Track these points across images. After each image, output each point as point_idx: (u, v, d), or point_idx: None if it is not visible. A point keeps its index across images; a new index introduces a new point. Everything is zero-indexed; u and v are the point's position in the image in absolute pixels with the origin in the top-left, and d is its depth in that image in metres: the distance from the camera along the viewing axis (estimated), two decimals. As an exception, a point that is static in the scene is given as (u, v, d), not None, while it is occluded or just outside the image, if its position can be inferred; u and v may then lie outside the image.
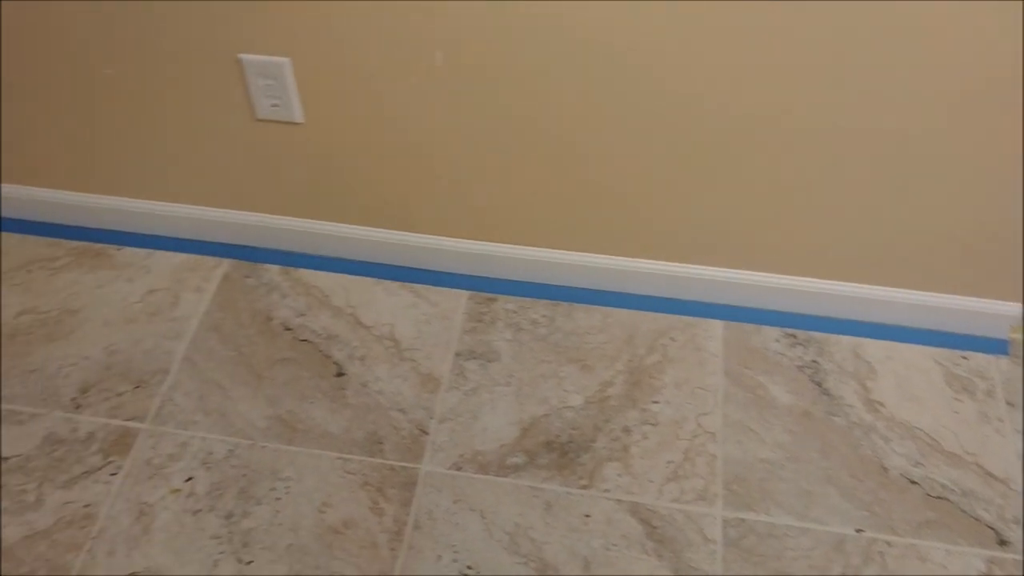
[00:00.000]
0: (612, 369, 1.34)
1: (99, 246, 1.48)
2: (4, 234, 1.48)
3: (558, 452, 1.25)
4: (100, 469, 1.22)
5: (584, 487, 1.22)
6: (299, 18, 1.15)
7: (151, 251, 1.48)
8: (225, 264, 1.47)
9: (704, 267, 1.39)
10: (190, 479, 1.22)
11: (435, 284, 1.44)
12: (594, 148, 1.24)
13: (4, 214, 1.49)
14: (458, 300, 1.43)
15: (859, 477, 1.23)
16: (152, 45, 1.22)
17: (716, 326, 1.40)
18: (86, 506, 1.19)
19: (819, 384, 1.33)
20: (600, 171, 1.27)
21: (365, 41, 1.16)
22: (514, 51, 1.13)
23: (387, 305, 1.42)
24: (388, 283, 1.45)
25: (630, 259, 1.40)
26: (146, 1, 1.16)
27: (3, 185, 1.46)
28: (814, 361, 1.36)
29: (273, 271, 1.46)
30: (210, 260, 1.47)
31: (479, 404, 1.30)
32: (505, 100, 1.20)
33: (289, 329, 1.39)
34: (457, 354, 1.36)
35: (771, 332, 1.39)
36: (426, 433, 1.27)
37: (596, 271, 1.41)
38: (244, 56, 1.21)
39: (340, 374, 1.33)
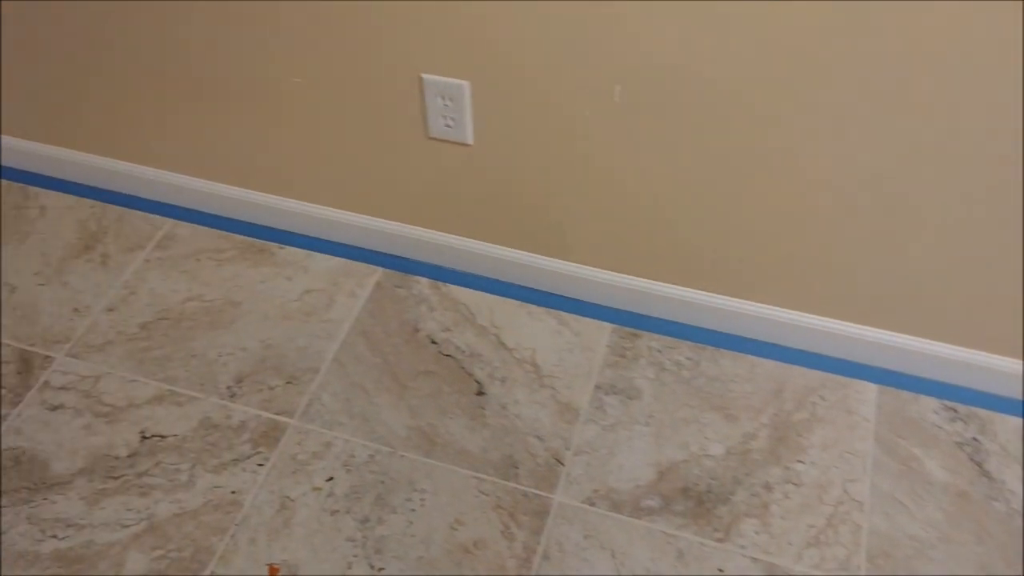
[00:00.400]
0: (756, 421, 1.31)
1: (263, 243, 1.55)
2: (180, 223, 1.57)
3: (695, 500, 1.23)
4: (248, 458, 1.28)
5: (719, 540, 1.19)
6: (482, 44, 1.18)
7: (310, 252, 1.54)
8: (379, 272, 1.51)
9: (863, 327, 1.33)
10: (331, 479, 1.25)
11: (580, 313, 1.44)
12: (761, 193, 1.21)
13: (184, 204, 1.59)
14: (602, 332, 1.42)
15: (1016, 569, 1.15)
16: (339, 58, 1.27)
17: (870, 389, 1.34)
18: (233, 492, 1.24)
19: (979, 464, 1.25)
20: (761, 216, 1.24)
21: (544, 71, 1.18)
22: (693, 91, 1.12)
23: (531, 329, 1.43)
24: (533, 307, 1.45)
25: (784, 310, 1.36)
26: (338, 17, 1.22)
27: (187, 177, 1.55)
28: (975, 439, 1.28)
29: (423, 283, 1.49)
30: (365, 267, 1.52)
31: (616, 441, 1.29)
32: (676, 139, 1.18)
33: (434, 342, 1.41)
34: (597, 387, 1.35)
35: (929, 402, 1.32)
36: (561, 463, 1.27)
37: (747, 318, 1.38)
38: (426, 76, 1.24)
39: (480, 393, 1.35)
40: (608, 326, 1.43)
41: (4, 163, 1.65)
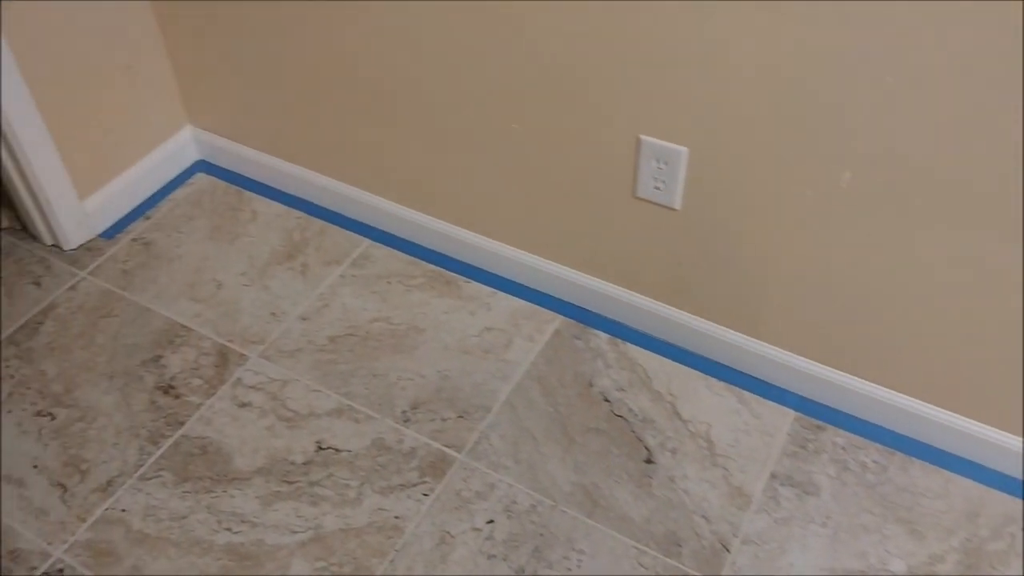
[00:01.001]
0: (946, 543, 1.21)
1: (451, 274, 1.59)
2: (376, 244, 1.64)
3: (867, 617, 1.15)
4: (415, 486, 1.30)
5: (893, 667, 1.10)
6: (707, 112, 1.17)
7: (495, 291, 1.56)
8: (559, 320, 1.51)
9: (1079, 460, 1.22)
10: (491, 522, 1.26)
11: (763, 395, 1.39)
12: (986, 304, 1.13)
13: (382, 227, 1.65)
14: (783, 418, 1.36)
15: None
16: (560, 109, 1.29)
17: (1080, 530, 1.22)
18: (396, 517, 1.26)
19: None
20: (979, 326, 1.16)
21: (768, 146, 1.15)
22: (932, 190, 1.07)
23: (708, 403, 1.39)
24: (713, 381, 1.41)
25: (991, 428, 1.26)
26: (566, 71, 1.23)
27: (389, 202, 1.61)
28: None
29: (602, 338, 1.48)
30: (546, 312, 1.52)
31: (788, 537, 1.23)
32: (902, 235, 1.12)
33: (607, 400, 1.40)
34: (773, 475, 1.29)
35: None
36: (727, 550, 1.22)
37: (946, 429, 1.28)
38: (644, 137, 1.24)
39: (649, 461, 1.32)
40: (791, 413, 1.37)
41: (226, 167, 1.78)
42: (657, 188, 1.29)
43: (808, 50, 1.04)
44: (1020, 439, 1.25)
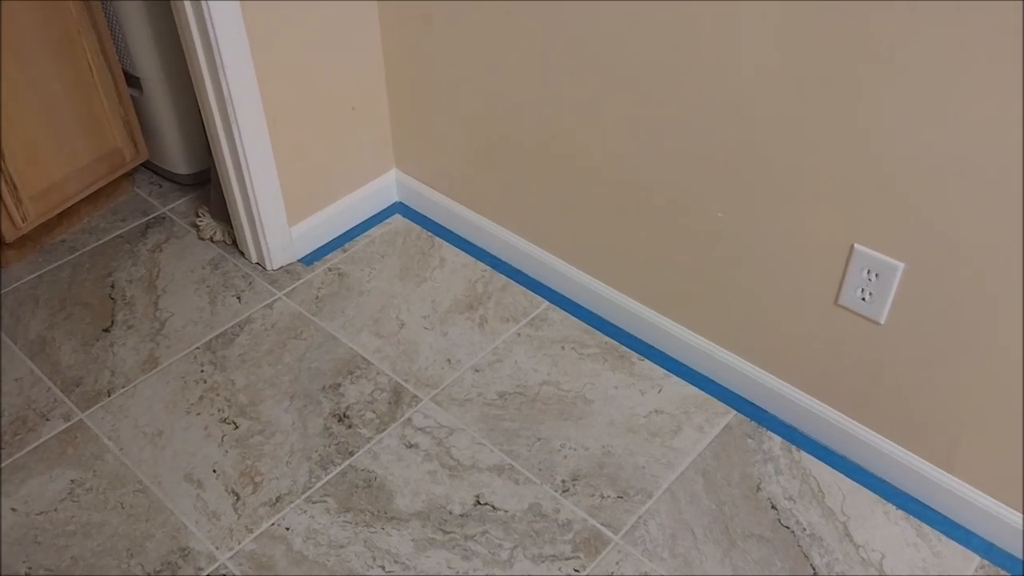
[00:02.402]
0: None
1: (625, 349, 1.58)
2: (554, 307, 1.66)
3: None
4: (567, 559, 1.28)
5: None
6: (929, 228, 1.12)
7: (668, 373, 1.54)
8: (731, 414, 1.47)
9: None
10: (640, 613, 1.23)
11: (946, 533, 1.29)
12: None
13: (562, 291, 1.67)
14: (967, 562, 1.26)
15: None
16: (770, 205, 1.27)
17: None
18: (545, 588, 1.26)
19: None
20: None
21: (991, 272, 1.09)
22: None
23: (885, 531, 1.31)
24: (892, 508, 1.33)
25: None
26: (781, 168, 1.22)
27: (573, 268, 1.63)
28: None
29: (776, 441, 1.43)
30: (719, 404, 1.49)
31: None
32: None
33: (775, 508, 1.34)
34: (950, 624, 1.20)
35: None
36: None
37: None
38: (859, 247, 1.20)
39: (814, 581, 1.26)
40: (976, 559, 1.27)
41: (423, 211, 1.85)
42: (863, 299, 1.24)
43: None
44: None
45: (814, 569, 1.26)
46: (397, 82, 1.72)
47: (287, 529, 1.32)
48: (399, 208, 1.89)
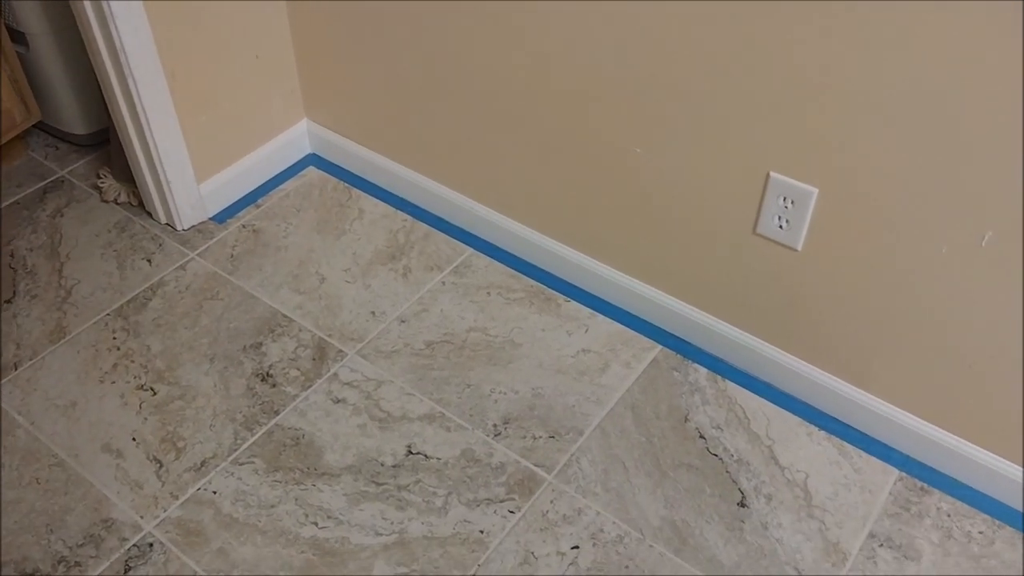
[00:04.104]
0: (1054, 629, 1.15)
1: (551, 292, 1.58)
2: (478, 254, 1.64)
3: None
4: (502, 502, 1.29)
5: None
6: (843, 154, 1.13)
7: (594, 312, 1.54)
8: (657, 349, 1.49)
9: None
10: (576, 548, 1.24)
11: (865, 449, 1.34)
12: None
13: (485, 237, 1.65)
14: (886, 476, 1.31)
15: None
16: (687, 139, 1.27)
17: None
18: (481, 532, 1.25)
19: None
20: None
21: (907, 196, 1.11)
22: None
23: (808, 451, 1.34)
24: (814, 429, 1.37)
25: (1112, 512, 1.19)
26: (696, 100, 1.22)
27: (495, 213, 1.61)
28: None
29: (701, 373, 1.45)
30: (644, 340, 1.50)
31: (884, 600, 1.18)
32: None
33: (703, 437, 1.36)
34: (872, 535, 1.24)
35: None
36: (819, 607, 1.18)
37: (1061, 508, 1.22)
38: (774, 175, 1.21)
39: (743, 504, 1.28)
40: (895, 472, 1.32)
41: (337, 162, 1.80)
42: (780, 227, 1.25)
43: (963, 91, 1.00)
44: None
45: (742, 493, 1.30)
46: (302, 27, 1.66)
47: (214, 493, 1.29)
48: (313, 160, 1.83)
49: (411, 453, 1.34)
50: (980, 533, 1.25)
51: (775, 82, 1.13)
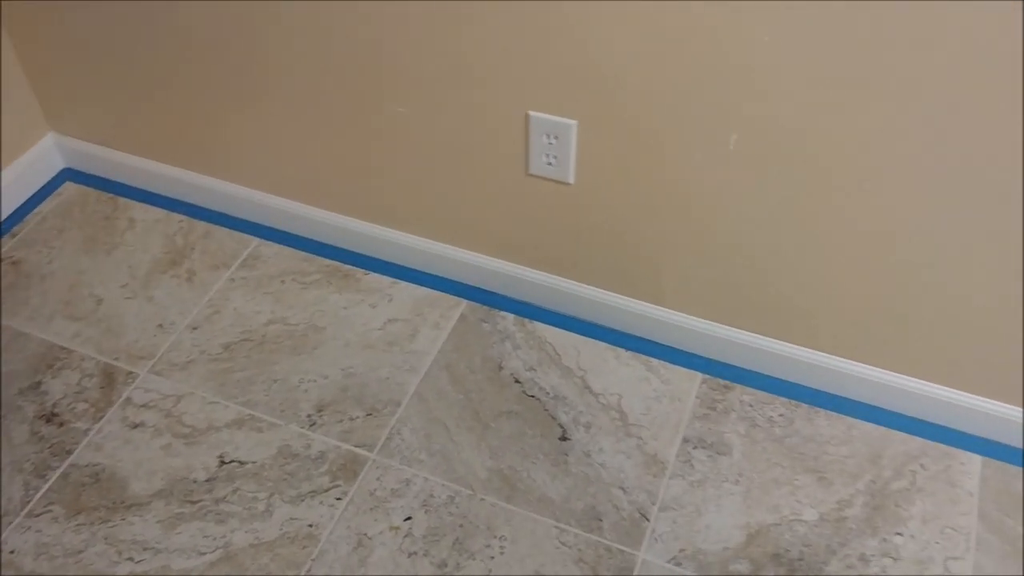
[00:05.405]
0: (852, 487, 1.25)
1: (348, 268, 1.53)
2: (265, 242, 1.57)
3: (786, 568, 1.17)
4: (327, 491, 1.25)
5: (814, 614, 1.13)
6: (594, 84, 1.15)
7: (395, 280, 1.52)
8: (463, 305, 1.48)
9: (970, 395, 1.27)
10: (409, 519, 1.22)
11: (670, 361, 1.40)
12: (869, 254, 1.16)
13: (270, 224, 1.58)
14: (692, 382, 1.38)
15: None
16: (446, 90, 1.25)
17: (974, 461, 1.27)
18: (310, 526, 1.22)
19: (1095, 552, 1.18)
20: (866, 276, 1.19)
21: (657, 115, 1.14)
22: (812, 153, 1.08)
23: (618, 374, 1.39)
24: (621, 351, 1.41)
25: (886, 371, 1.30)
26: (447, 49, 1.20)
27: (275, 197, 1.54)
28: (1090, 523, 1.21)
29: (508, 320, 1.46)
30: (450, 298, 1.49)
31: (704, 498, 1.24)
32: (786, 195, 1.14)
33: (518, 382, 1.38)
34: (685, 440, 1.30)
35: (1039, 480, 1.25)
36: (647, 519, 1.22)
37: (845, 377, 1.32)
38: (533, 113, 1.21)
39: (564, 438, 1.31)
40: (699, 376, 1.38)
41: (97, 173, 1.67)
42: (550, 164, 1.26)
43: (689, 14, 1.04)
44: (911, 379, 1.29)
45: (562, 427, 1.32)
46: (21, 34, 1.50)
47: (12, 552, 1.18)
48: (68, 175, 1.68)
49: (224, 463, 1.28)
50: (780, 416, 1.33)
51: (522, 23, 1.13)
